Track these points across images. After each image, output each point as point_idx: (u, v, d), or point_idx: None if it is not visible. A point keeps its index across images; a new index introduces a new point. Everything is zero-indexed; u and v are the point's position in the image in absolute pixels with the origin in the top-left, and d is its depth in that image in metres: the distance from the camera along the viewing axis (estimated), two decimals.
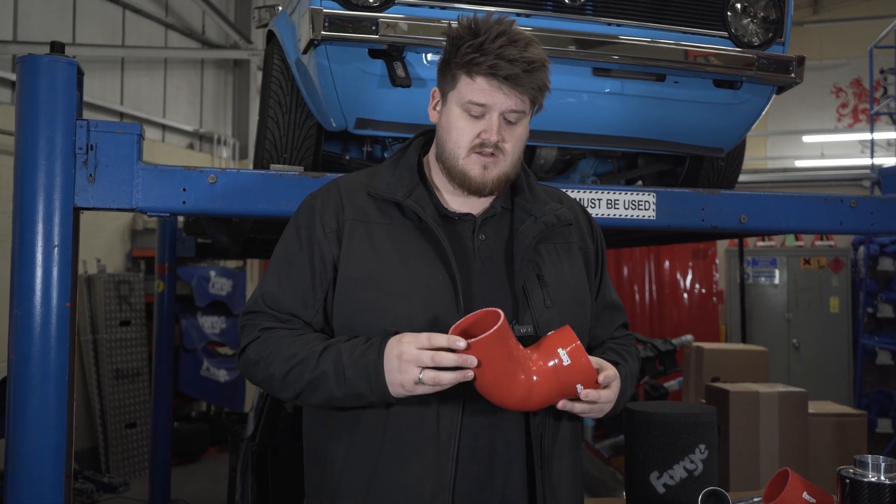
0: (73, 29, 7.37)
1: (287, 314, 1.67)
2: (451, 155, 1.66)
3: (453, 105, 1.65)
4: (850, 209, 2.69)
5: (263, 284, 1.72)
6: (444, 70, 1.68)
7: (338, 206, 1.70)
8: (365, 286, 1.62)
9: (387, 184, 1.70)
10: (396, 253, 1.64)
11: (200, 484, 7.14)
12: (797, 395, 3.53)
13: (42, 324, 2.06)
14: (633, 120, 2.68)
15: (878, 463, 1.75)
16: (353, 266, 1.64)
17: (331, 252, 1.66)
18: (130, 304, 7.48)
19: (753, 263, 9.16)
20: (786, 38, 2.73)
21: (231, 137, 9.96)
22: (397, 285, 1.61)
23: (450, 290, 1.61)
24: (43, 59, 2.11)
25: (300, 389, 1.59)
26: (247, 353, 1.68)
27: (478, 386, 1.50)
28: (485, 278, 1.66)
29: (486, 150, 1.63)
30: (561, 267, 1.74)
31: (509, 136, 1.64)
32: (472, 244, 1.69)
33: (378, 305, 1.60)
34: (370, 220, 1.68)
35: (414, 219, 1.68)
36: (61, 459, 2.07)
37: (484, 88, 1.60)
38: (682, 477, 2.13)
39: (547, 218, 1.72)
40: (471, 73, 1.60)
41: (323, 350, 1.57)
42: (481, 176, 1.65)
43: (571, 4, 2.52)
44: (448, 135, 1.66)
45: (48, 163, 2.09)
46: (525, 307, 1.64)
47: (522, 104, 1.63)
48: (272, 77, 2.77)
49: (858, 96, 12.41)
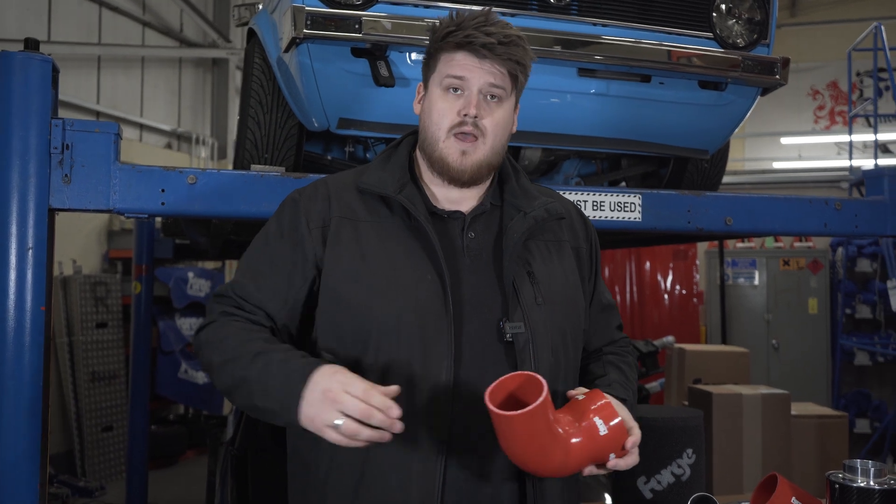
0: (49, 26, 7.27)
1: (253, 305, 1.63)
2: (431, 138, 1.65)
3: (434, 86, 1.66)
4: (834, 211, 2.69)
5: (237, 272, 1.69)
6: (427, 62, 1.70)
7: (324, 203, 1.66)
8: (351, 286, 1.58)
9: (377, 178, 1.67)
10: (384, 252, 1.61)
11: (178, 488, 7.06)
12: (780, 396, 3.53)
13: (16, 328, 2.01)
14: (619, 121, 2.66)
15: (867, 468, 1.74)
16: (339, 265, 1.60)
17: (313, 249, 1.63)
18: (107, 305, 7.38)
19: (733, 264, 9.20)
20: (770, 40, 2.73)
21: (210, 137, 9.88)
22: (385, 285, 1.57)
23: (438, 289, 1.57)
24: (17, 55, 2.05)
25: (229, 385, 1.53)
26: (201, 334, 1.63)
27: (509, 453, 1.44)
28: (474, 277, 1.63)
29: (465, 128, 1.61)
30: (552, 264, 1.71)
31: (488, 115, 1.63)
32: (462, 242, 1.66)
33: (365, 305, 1.57)
34: (358, 218, 1.65)
35: (402, 216, 1.65)
36: (36, 467, 2.01)
37: (462, 62, 1.61)
38: (669, 482, 2.11)
39: (537, 213, 1.69)
40: (448, 49, 1.61)
41: (257, 354, 1.50)
42: (459, 162, 1.62)
43: (556, 4, 2.49)
44: (429, 118, 1.65)
45: (22, 163, 2.03)
46: (515, 304, 1.60)
47: (502, 78, 1.63)
48: (253, 76, 2.73)
49: (835, 98, 12.52)
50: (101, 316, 7.31)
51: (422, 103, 1.71)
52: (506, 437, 1.41)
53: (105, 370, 7.31)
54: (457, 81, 1.62)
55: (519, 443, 1.40)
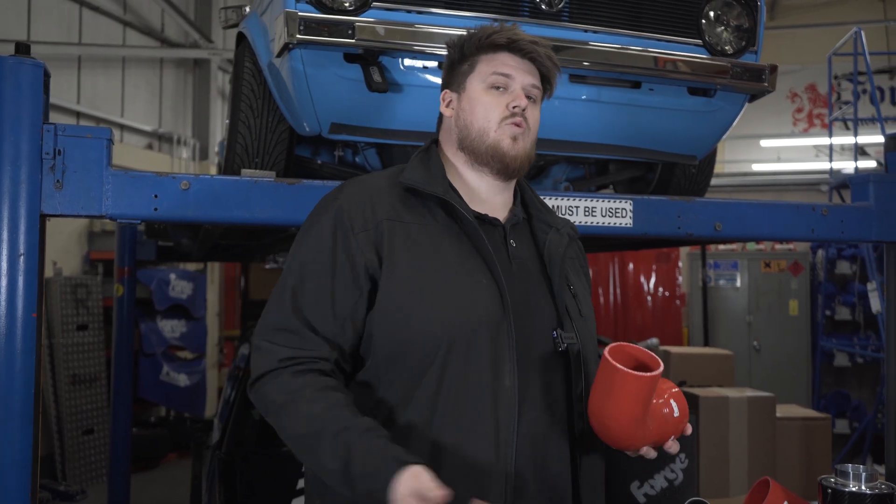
0: (28, 25, 7.20)
1: (320, 337, 1.55)
2: (480, 131, 1.67)
3: (476, 85, 1.69)
4: (821, 217, 2.71)
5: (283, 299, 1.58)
6: (456, 67, 1.74)
7: (368, 206, 1.61)
8: (409, 293, 1.54)
9: (422, 176, 1.66)
10: (438, 256, 1.59)
11: (160, 490, 7.02)
12: (765, 399, 3.57)
13: (7, 335, 1.98)
14: (610, 127, 2.68)
15: (858, 473, 1.77)
16: (396, 271, 1.56)
17: (363, 257, 1.56)
18: (88, 307, 7.32)
19: (715, 267, 9.28)
20: (758, 47, 2.75)
21: (191, 138, 9.82)
22: (445, 289, 1.56)
23: (496, 294, 1.58)
24: (8, 60, 2.03)
25: (304, 459, 1.56)
26: (263, 388, 1.55)
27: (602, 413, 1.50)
28: (524, 286, 1.65)
29: (516, 119, 1.66)
30: (579, 278, 1.80)
31: (530, 114, 1.69)
32: (507, 250, 1.68)
33: (424, 313, 1.53)
34: (405, 220, 1.61)
35: (444, 220, 1.64)
36: (28, 474, 1.99)
37: (507, 62, 1.67)
38: (662, 486, 2.13)
39: (568, 230, 1.78)
40: (494, 50, 1.68)
41: (337, 434, 1.44)
42: (513, 147, 1.66)
43: (548, 11, 2.50)
44: (473, 114, 1.68)
45: (13, 168, 2.01)
46: (567, 316, 1.66)
47: (537, 79, 1.71)
48: (243, 80, 2.71)
49: (813, 101, 12.65)
50: (82, 318, 7.25)
51: (456, 107, 1.73)
52: (611, 395, 1.47)
53: (86, 373, 7.25)
54: (503, 79, 1.67)
55: (623, 403, 1.46)
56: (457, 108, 1.72)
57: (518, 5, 2.48)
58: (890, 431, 2.82)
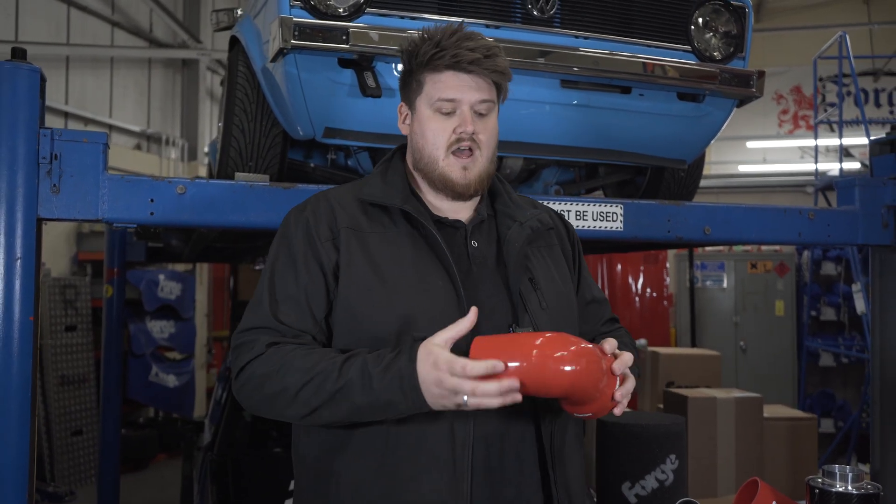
0: (16, 25, 7.19)
1: (298, 330, 1.62)
2: (430, 159, 1.68)
3: (423, 108, 1.68)
4: (808, 221, 2.75)
5: (262, 302, 1.65)
6: (407, 81, 1.73)
7: (329, 216, 1.68)
8: (365, 297, 1.60)
9: (381, 190, 1.70)
10: (394, 261, 1.63)
11: (149, 491, 7.02)
12: (752, 400, 3.61)
13: (4, 338, 1.99)
14: (600, 131, 2.71)
15: (845, 473, 1.80)
16: (352, 278, 1.62)
17: (329, 262, 1.63)
18: (76, 308, 7.30)
19: (702, 268, 9.34)
20: (746, 53, 2.79)
21: (179, 138, 9.81)
22: (399, 293, 1.60)
23: (452, 295, 1.61)
24: (4, 65, 2.04)
25: (317, 404, 1.52)
26: (250, 368, 1.59)
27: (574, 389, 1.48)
28: (482, 284, 1.67)
29: (463, 144, 1.65)
30: (548, 269, 1.77)
31: (482, 129, 1.68)
32: (467, 251, 1.70)
33: (381, 314, 1.59)
34: (363, 229, 1.67)
35: (405, 226, 1.68)
36: (25, 477, 2.01)
37: (451, 84, 1.64)
38: (653, 487, 2.16)
39: (532, 223, 1.75)
40: (436, 69, 1.65)
41: (345, 360, 1.51)
42: (463, 178, 1.67)
43: (540, 17, 2.53)
44: (424, 139, 1.68)
45: (10, 172, 2.02)
46: (523, 310, 1.66)
47: (490, 92, 1.68)
48: (237, 84, 2.73)
49: (798, 103, 12.76)
50: (71, 319, 7.23)
51: (410, 125, 1.74)
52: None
53: (74, 374, 7.23)
54: (448, 104, 1.65)
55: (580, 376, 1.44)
56: (411, 127, 1.73)
57: (510, 12, 2.51)
58: (875, 432, 2.86)
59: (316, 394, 1.52)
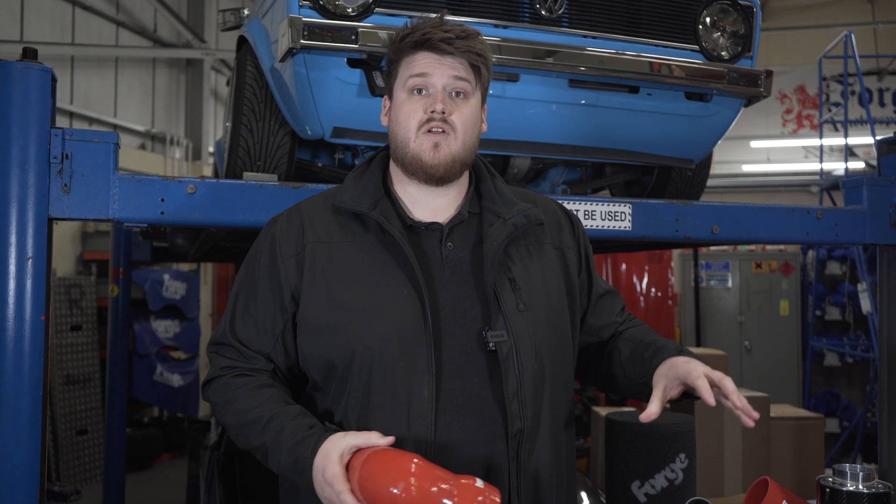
0: (21, 25, 7.20)
1: (253, 350, 1.67)
2: (403, 141, 1.65)
3: (399, 92, 1.67)
4: (815, 220, 2.75)
5: (227, 315, 1.71)
6: (388, 72, 1.72)
7: (298, 232, 1.67)
8: (330, 310, 1.59)
9: (351, 196, 1.67)
10: (360, 272, 1.61)
11: (155, 491, 7.03)
12: (759, 399, 3.61)
13: (15, 337, 2.00)
14: (608, 131, 2.71)
15: (856, 472, 1.80)
16: (314, 293, 1.61)
17: (288, 281, 1.64)
18: (81, 308, 7.32)
19: (707, 267, 9.34)
20: (754, 52, 2.79)
21: (184, 138, 9.82)
22: (363, 305, 1.58)
23: (416, 304, 1.57)
24: (16, 65, 2.05)
25: (247, 447, 1.60)
26: (208, 389, 1.70)
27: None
28: (454, 288, 1.62)
29: (433, 124, 1.62)
30: (532, 268, 1.70)
31: (456, 110, 1.63)
32: (440, 254, 1.65)
33: (345, 328, 1.58)
34: (332, 240, 1.65)
35: (377, 233, 1.65)
36: (36, 476, 2.01)
37: (422, 61, 1.62)
38: (662, 486, 2.16)
39: (516, 219, 1.68)
40: (408, 51, 1.63)
41: (269, 420, 1.55)
42: (432, 156, 1.62)
43: (548, 17, 2.53)
44: (398, 122, 1.66)
45: (21, 172, 2.02)
46: (497, 312, 1.60)
47: (465, 71, 1.64)
48: (245, 84, 2.73)
49: (802, 102, 12.74)
50: (76, 318, 7.25)
51: (388, 115, 1.72)
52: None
53: (79, 373, 7.25)
54: (420, 80, 1.63)
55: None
56: (389, 118, 1.72)
57: (518, 11, 2.51)
58: (882, 431, 2.86)
59: (246, 440, 1.59)
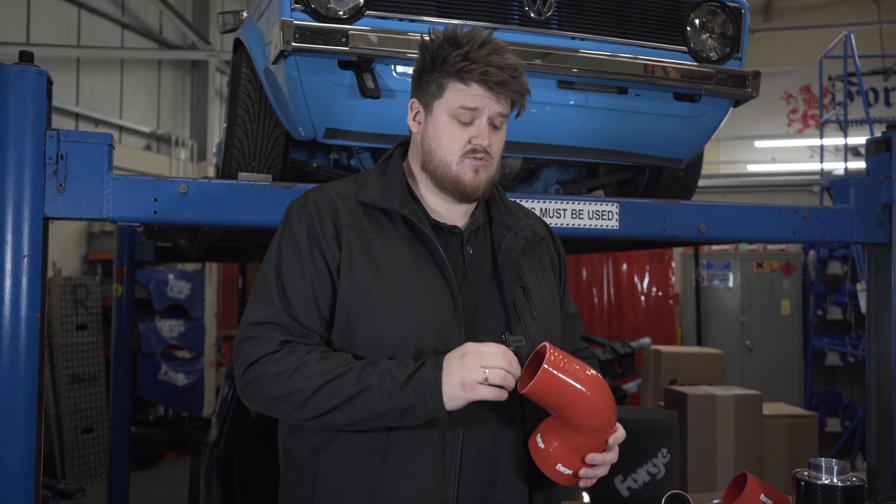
0: (28, 28, 7.26)
1: (305, 328, 1.63)
2: (442, 162, 1.69)
3: (441, 113, 1.68)
4: (802, 219, 2.78)
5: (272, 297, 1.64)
6: (426, 80, 1.70)
7: (333, 211, 1.68)
8: (364, 297, 1.62)
9: (378, 192, 1.70)
10: (392, 264, 1.65)
11: (159, 490, 7.08)
12: (752, 397, 3.64)
13: (11, 334, 2.05)
14: (597, 131, 2.75)
15: (830, 466, 1.84)
16: (352, 278, 1.63)
17: (333, 258, 1.64)
18: (87, 307, 7.38)
19: (708, 267, 9.35)
20: (742, 54, 2.82)
21: (189, 139, 9.88)
22: (396, 296, 1.62)
23: (448, 300, 1.63)
24: (12, 68, 2.09)
25: (331, 406, 1.53)
26: (261, 366, 1.58)
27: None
28: (477, 291, 1.69)
29: (477, 155, 1.67)
30: (538, 279, 1.80)
31: (495, 140, 1.70)
32: (462, 257, 1.72)
33: (377, 316, 1.61)
34: (363, 228, 1.68)
35: (403, 229, 1.69)
36: (31, 471, 2.06)
37: (477, 94, 1.64)
38: (645, 480, 2.19)
39: (526, 233, 1.78)
40: (463, 80, 1.64)
41: (365, 366, 1.54)
42: (474, 180, 1.68)
43: (537, 19, 2.57)
44: (437, 143, 1.69)
45: (17, 173, 2.07)
46: (517, 319, 1.69)
47: (507, 107, 1.69)
48: (240, 85, 2.78)
49: (808, 102, 12.72)
50: (81, 318, 7.31)
51: (422, 124, 1.73)
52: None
53: (85, 372, 7.31)
54: (469, 114, 1.66)
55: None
56: (423, 127, 1.73)
57: (508, 13, 2.55)
58: (871, 426, 2.89)
59: (332, 397, 1.53)
